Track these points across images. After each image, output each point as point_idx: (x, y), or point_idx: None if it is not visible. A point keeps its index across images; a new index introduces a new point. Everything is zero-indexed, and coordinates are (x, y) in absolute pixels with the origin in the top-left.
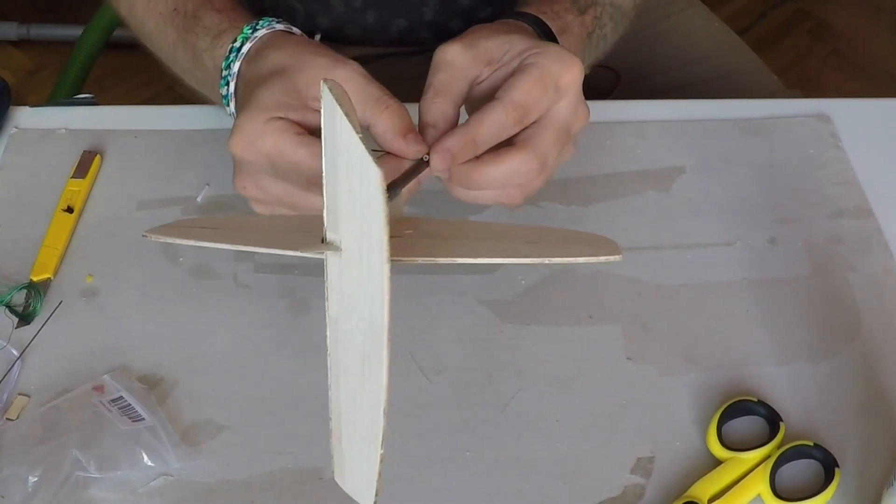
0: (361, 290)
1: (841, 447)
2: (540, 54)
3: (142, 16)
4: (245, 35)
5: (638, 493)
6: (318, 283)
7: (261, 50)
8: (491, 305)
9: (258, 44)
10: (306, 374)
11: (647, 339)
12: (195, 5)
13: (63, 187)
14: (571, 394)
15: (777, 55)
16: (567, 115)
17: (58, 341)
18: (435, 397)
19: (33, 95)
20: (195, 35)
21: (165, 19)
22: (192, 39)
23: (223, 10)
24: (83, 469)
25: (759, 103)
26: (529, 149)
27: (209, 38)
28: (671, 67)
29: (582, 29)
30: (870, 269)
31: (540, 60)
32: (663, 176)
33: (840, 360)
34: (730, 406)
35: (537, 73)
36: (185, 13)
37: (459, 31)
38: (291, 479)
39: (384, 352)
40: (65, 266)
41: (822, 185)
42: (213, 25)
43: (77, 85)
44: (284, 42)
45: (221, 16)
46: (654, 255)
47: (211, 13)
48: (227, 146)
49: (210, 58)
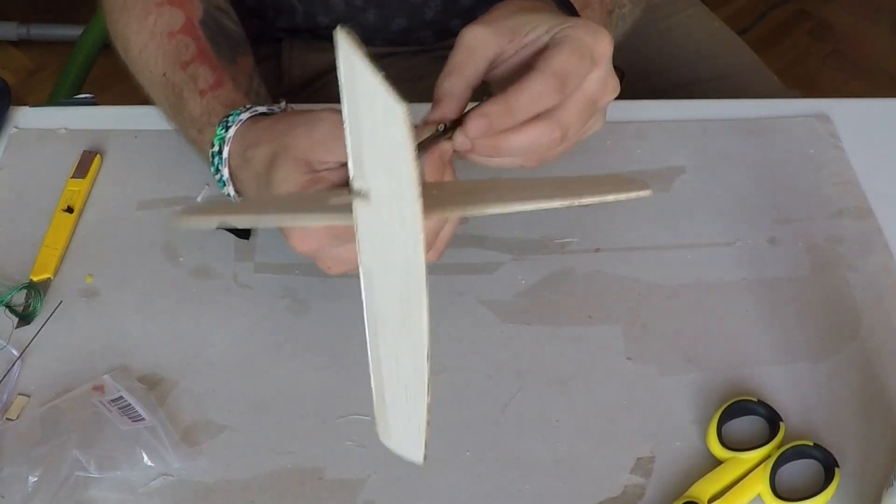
0: (394, 235)
1: (841, 447)
2: (572, 27)
3: (136, 66)
4: (220, 137)
5: (638, 493)
6: (319, 283)
7: (244, 153)
8: (491, 305)
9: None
10: (306, 374)
11: (647, 339)
12: (181, 80)
13: (63, 187)
14: (571, 394)
15: (777, 55)
16: (596, 87)
17: (58, 341)
18: (435, 397)
19: (33, 95)
20: (183, 119)
21: (157, 82)
22: (183, 122)
23: (205, 91)
24: (83, 469)
25: (759, 103)
26: (553, 119)
27: (195, 130)
28: (671, 67)
29: (603, 7)
30: (870, 269)
31: (573, 33)
32: (663, 176)
33: (840, 360)
34: (730, 406)
35: (573, 45)
36: (173, 86)
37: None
38: (291, 479)
39: (423, 294)
40: (65, 266)
41: (822, 185)
42: (197, 116)
43: (77, 85)
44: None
45: (203, 102)
46: (654, 255)
47: (194, 97)
48: (293, 250)
49: (200, 151)
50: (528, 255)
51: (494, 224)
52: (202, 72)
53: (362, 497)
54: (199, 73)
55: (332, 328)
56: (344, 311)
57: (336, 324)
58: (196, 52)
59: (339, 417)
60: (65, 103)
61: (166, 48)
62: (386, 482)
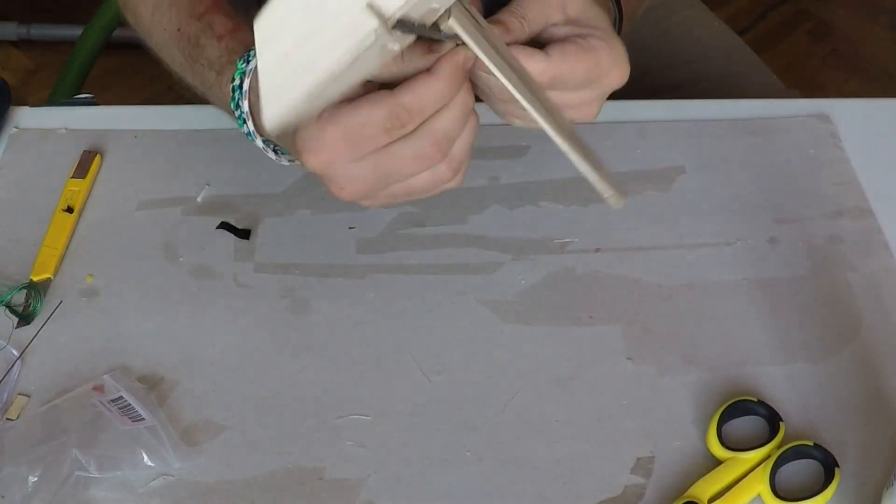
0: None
1: (841, 447)
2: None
3: (148, 27)
4: (241, 70)
5: (638, 493)
6: (319, 283)
7: None
8: (491, 305)
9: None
10: (306, 374)
11: (647, 339)
12: (197, 29)
13: (63, 187)
14: (571, 394)
15: (777, 55)
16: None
17: (58, 341)
18: (435, 397)
19: (33, 95)
20: (201, 66)
21: (171, 38)
22: (199, 70)
23: (223, 36)
24: (83, 469)
25: (759, 103)
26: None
27: (213, 72)
28: (671, 67)
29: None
30: (870, 269)
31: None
32: (663, 176)
33: (840, 360)
34: (730, 406)
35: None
36: (188, 38)
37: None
38: (291, 479)
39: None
40: (65, 266)
41: (822, 185)
42: (215, 59)
43: (77, 85)
44: None
45: (221, 45)
46: (654, 255)
47: (211, 42)
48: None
49: (219, 93)
50: (528, 255)
51: (494, 224)
52: (218, 19)
53: (362, 497)
54: (216, 20)
55: (332, 328)
56: (344, 311)
57: (336, 324)
58: (210, 3)
59: (339, 417)
60: (65, 103)
61: (180, 3)
62: (386, 482)
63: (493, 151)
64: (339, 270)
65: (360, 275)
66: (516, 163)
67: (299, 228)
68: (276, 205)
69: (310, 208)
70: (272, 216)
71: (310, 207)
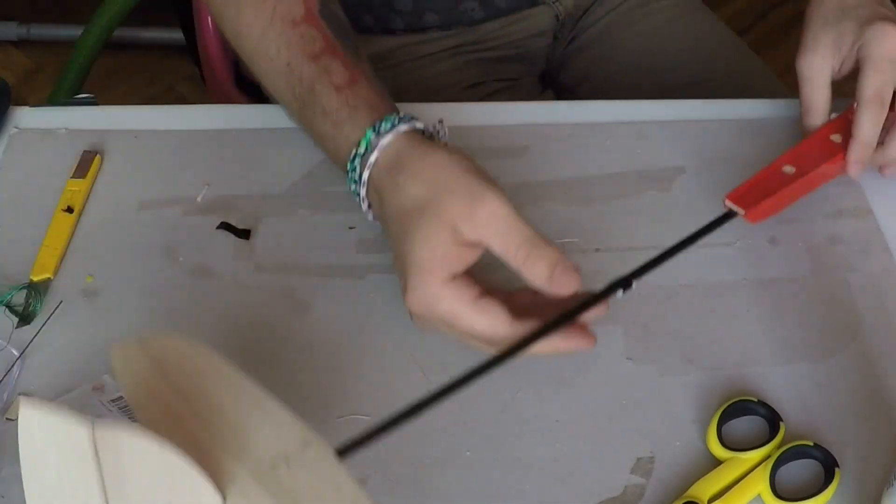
0: None
1: (841, 447)
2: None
3: (250, 52)
4: (368, 140)
5: (638, 493)
6: (318, 283)
7: (394, 173)
8: None
9: (388, 160)
10: (306, 374)
11: (647, 339)
12: (312, 72)
13: (63, 187)
14: (571, 394)
15: (777, 55)
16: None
17: (58, 341)
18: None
19: (33, 95)
20: (314, 114)
21: (278, 72)
22: (311, 116)
23: (342, 88)
24: None
25: (759, 103)
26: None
27: (329, 124)
28: (671, 67)
29: None
30: (870, 269)
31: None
32: (663, 176)
33: (840, 360)
34: (730, 406)
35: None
36: (300, 78)
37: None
38: None
39: None
40: (65, 266)
41: (822, 185)
42: (332, 110)
43: (77, 85)
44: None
45: (340, 98)
46: (654, 255)
47: (329, 91)
48: (406, 304)
49: (334, 147)
50: None
51: None
52: (335, 67)
53: None
54: (332, 67)
55: (332, 328)
56: (344, 311)
57: (336, 324)
58: (324, 45)
59: (339, 417)
60: (65, 103)
61: (290, 37)
62: (386, 482)
63: (493, 151)
64: (339, 270)
65: (360, 275)
66: (516, 163)
67: (299, 228)
68: (276, 205)
69: (310, 208)
70: (272, 216)
71: (310, 207)
